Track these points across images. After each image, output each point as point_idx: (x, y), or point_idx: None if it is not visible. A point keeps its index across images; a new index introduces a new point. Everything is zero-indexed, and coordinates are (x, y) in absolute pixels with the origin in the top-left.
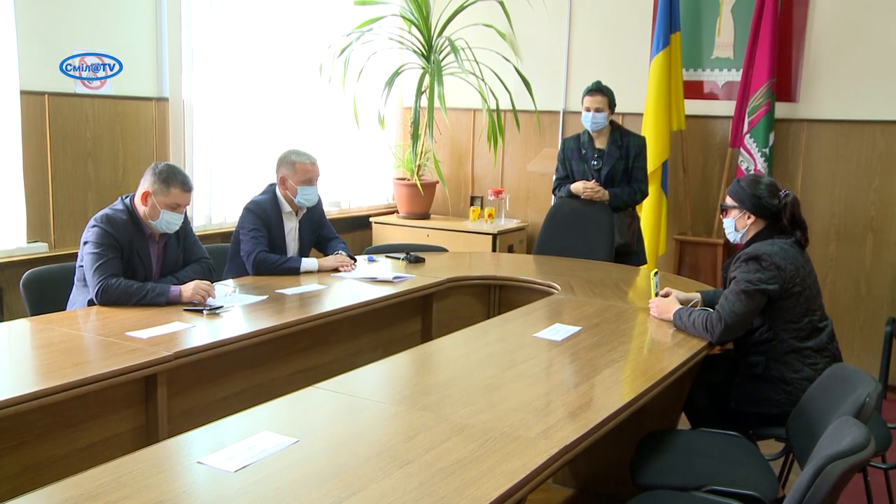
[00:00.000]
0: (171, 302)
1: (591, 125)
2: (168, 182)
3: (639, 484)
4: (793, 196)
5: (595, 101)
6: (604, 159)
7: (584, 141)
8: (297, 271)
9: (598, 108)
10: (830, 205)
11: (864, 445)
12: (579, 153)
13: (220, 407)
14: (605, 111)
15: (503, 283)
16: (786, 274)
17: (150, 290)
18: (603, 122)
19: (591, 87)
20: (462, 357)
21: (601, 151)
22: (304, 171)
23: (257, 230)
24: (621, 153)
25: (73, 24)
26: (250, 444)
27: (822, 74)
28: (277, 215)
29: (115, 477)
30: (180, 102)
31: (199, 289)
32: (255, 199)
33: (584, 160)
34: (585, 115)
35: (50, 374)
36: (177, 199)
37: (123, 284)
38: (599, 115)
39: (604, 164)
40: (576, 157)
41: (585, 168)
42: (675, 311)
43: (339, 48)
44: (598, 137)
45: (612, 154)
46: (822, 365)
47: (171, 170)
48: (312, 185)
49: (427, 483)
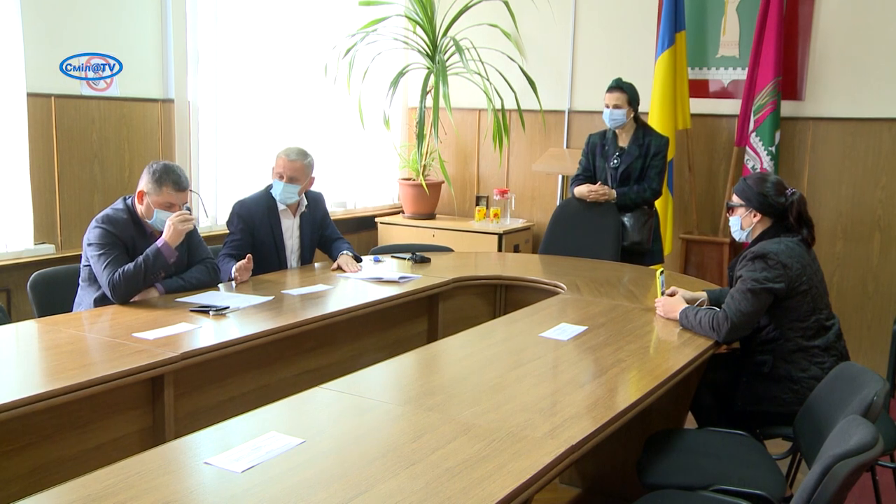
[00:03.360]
0: (165, 254)
1: (609, 121)
2: (160, 181)
3: (646, 483)
4: (799, 194)
5: (613, 97)
6: (622, 157)
7: (609, 138)
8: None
9: (616, 105)
10: (837, 203)
11: (872, 444)
12: (602, 149)
13: (226, 407)
14: (624, 108)
15: (509, 283)
16: (792, 272)
17: (145, 259)
18: (622, 118)
19: (611, 83)
20: (468, 357)
21: (622, 150)
22: (278, 164)
23: (234, 235)
24: (641, 152)
25: (79, 27)
26: (257, 444)
27: (829, 72)
28: (268, 213)
29: (123, 478)
30: (186, 104)
31: (174, 220)
32: (243, 198)
33: (604, 157)
34: (605, 111)
35: (57, 375)
36: (169, 199)
37: (124, 272)
38: (618, 111)
39: (622, 163)
40: (598, 153)
41: (606, 165)
42: (682, 310)
43: (344, 49)
44: (622, 135)
45: (631, 153)
46: (830, 364)
47: (165, 169)
48: (282, 181)
49: (433, 483)
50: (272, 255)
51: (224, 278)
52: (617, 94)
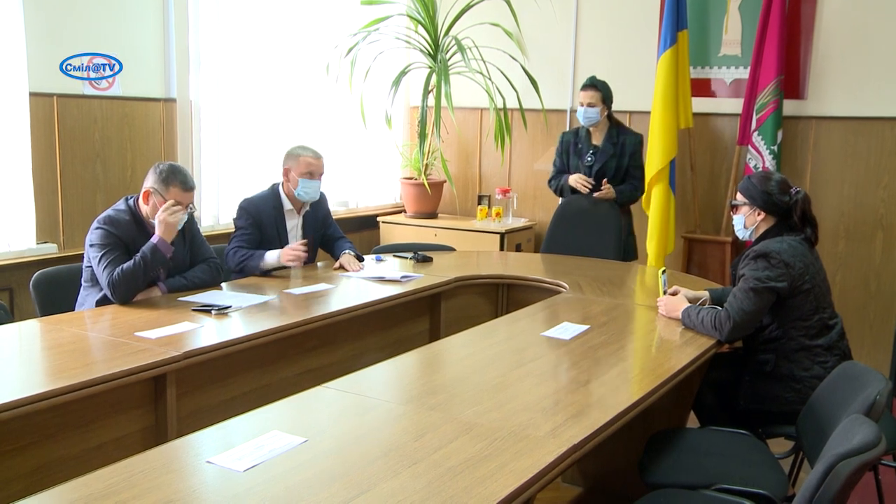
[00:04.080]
0: (162, 249)
1: (584, 119)
2: (167, 181)
3: (648, 482)
4: (804, 193)
5: (588, 95)
6: (597, 156)
7: (582, 136)
8: (257, 269)
9: (590, 103)
10: (839, 202)
11: (875, 444)
12: (575, 147)
13: (228, 407)
14: (598, 106)
15: (511, 282)
16: (794, 271)
17: (143, 256)
18: (596, 116)
19: (585, 82)
20: (470, 356)
21: (596, 147)
22: (306, 163)
23: (243, 230)
24: (616, 150)
25: (80, 26)
26: (259, 443)
27: (831, 71)
28: (275, 212)
29: (125, 477)
30: (188, 103)
31: (164, 217)
32: (248, 197)
33: (578, 155)
34: (579, 109)
35: (60, 374)
36: (176, 198)
37: (122, 270)
38: (592, 109)
39: (596, 161)
40: (572, 151)
41: (579, 163)
42: (684, 309)
43: (346, 48)
44: (595, 133)
45: (605, 151)
46: (833, 363)
47: (172, 169)
48: (314, 179)
49: (435, 482)
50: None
51: (256, 263)
52: (591, 92)
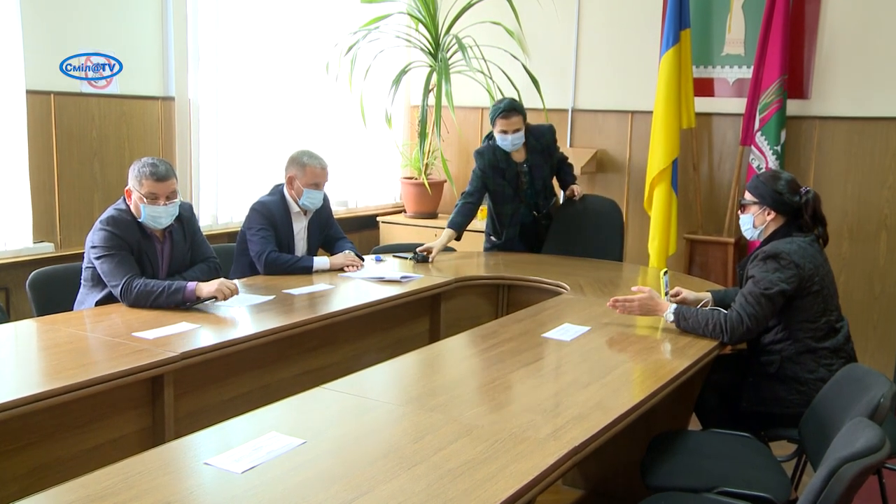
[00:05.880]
0: (187, 299)
1: (510, 147)
2: (139, 177)
3: (649, 485)
4: (814, 192)
5: (513, 123)
6: (533, 171)
7: (500, 156)
8: (309, 270)
9: (516, 129)
10: (843, 203)
11: (879, 447)
12: (498, 169)
13: (226, 408)
14: (522, 128)
15: (511, 283)
16: (804, 272)
17: (167, 288)
18: (521, 139)
19: (504, 108)
20: (470, 357)
21: (523, 165)
22: (313, 174)
23: (265, 230)
24: (543, 154)
25: (78, 24)
26: (257, 444)
27: (835, 71)
28: (285, 216)
29: (122, 478)
30: (186, 101)
31: (223, 286)
32: (261, 200)
33: (507, 179)
34: (502, 138)
35: (56, 374)
36: (152, 189)
37: (143, 286)
38: (517, 134)
39: (535, 176)
40: (496, 175)
41: (509, 189)
42: (675, 309)
43: (346, 46)
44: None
45: (535, 161)
46: (838, 366)
47: (143, 162)
48: (319, 190)
49: (435, 484)
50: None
51: (307, 264)
52: (515, 117)
